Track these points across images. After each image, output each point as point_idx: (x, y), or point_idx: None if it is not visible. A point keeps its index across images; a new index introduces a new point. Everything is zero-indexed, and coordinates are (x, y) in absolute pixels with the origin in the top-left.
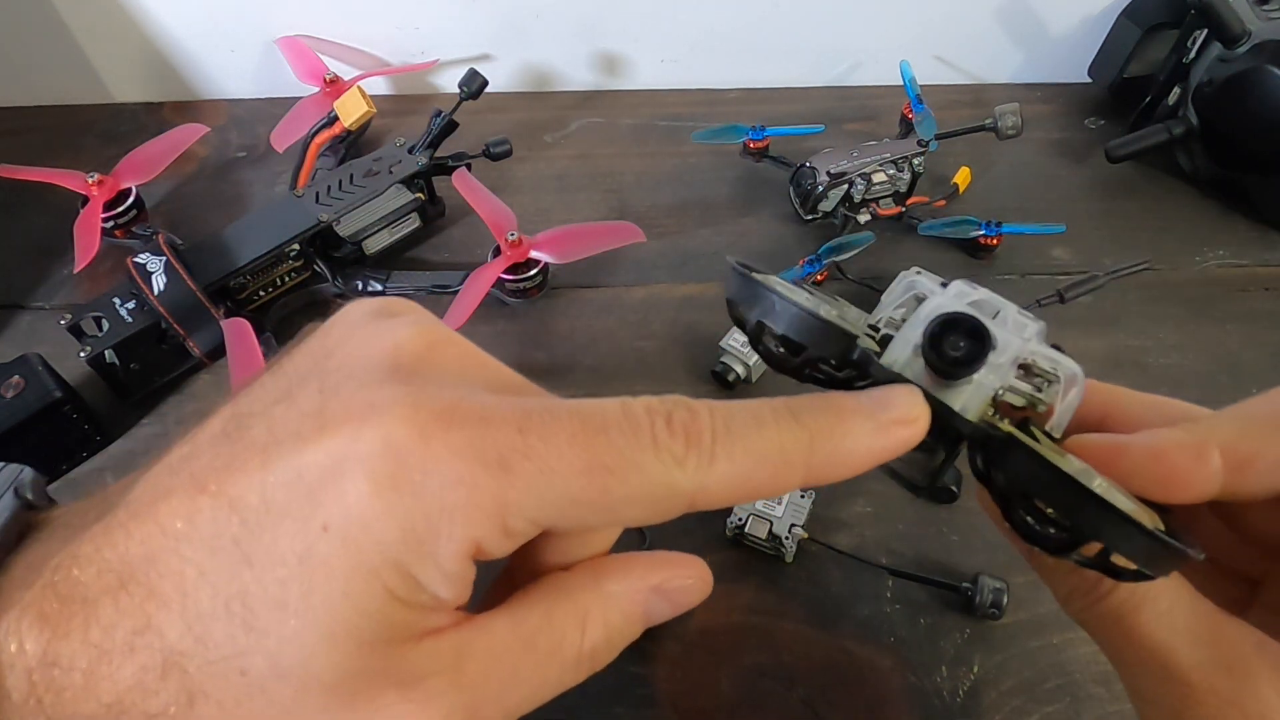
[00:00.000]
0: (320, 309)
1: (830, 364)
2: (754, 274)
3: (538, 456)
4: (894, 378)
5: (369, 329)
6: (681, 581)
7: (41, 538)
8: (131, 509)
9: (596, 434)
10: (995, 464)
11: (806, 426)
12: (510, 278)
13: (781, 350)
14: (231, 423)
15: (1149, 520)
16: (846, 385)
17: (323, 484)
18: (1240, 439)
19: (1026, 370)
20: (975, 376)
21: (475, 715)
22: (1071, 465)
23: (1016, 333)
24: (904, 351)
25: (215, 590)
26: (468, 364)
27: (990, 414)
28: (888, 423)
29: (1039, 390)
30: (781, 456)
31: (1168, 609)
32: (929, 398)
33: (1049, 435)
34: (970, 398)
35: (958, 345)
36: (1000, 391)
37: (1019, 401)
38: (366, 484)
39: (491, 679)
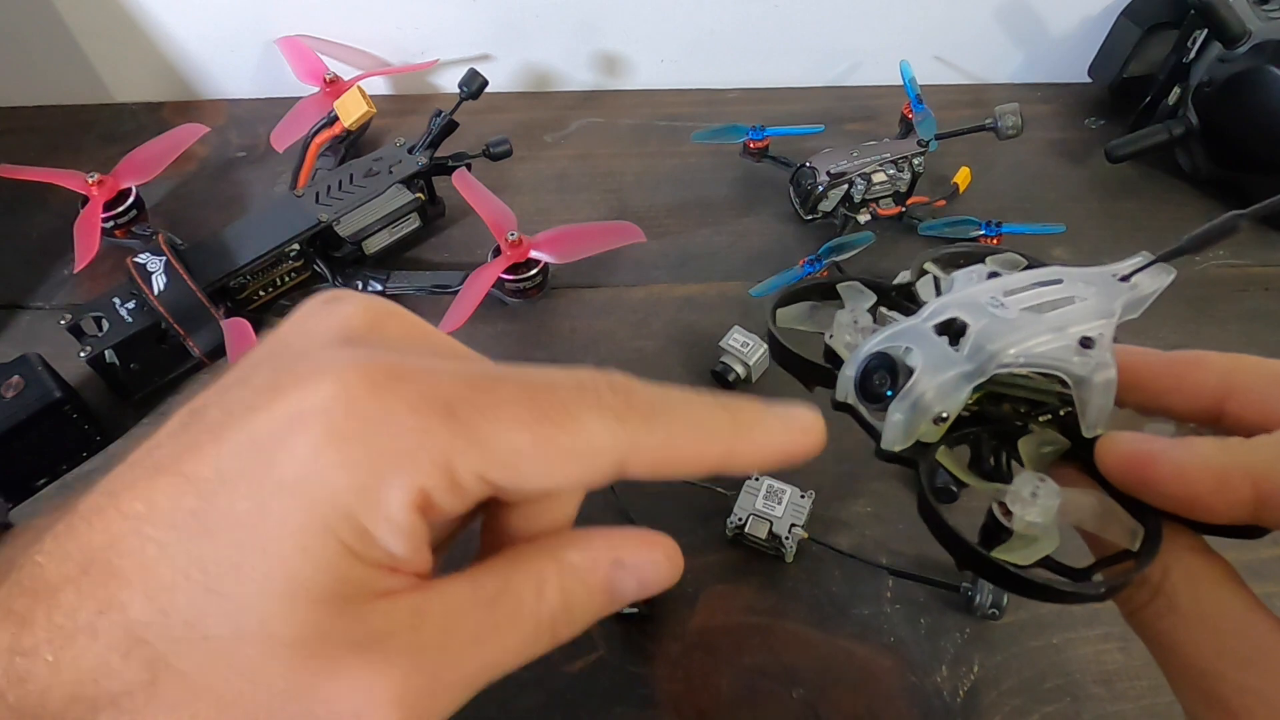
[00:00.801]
0: None
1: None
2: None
3: (486, 407)
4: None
5: (318, 313)
6: (647, 557)
7: (5, 548)
8: (92, 503)
9: (543, 390)
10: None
11: (732, 414)
12: (510, 278)
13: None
14: (189, 414)
15: (1042, 550)
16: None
17: (275, 442)
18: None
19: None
20: (894, 408)
21: (434, 679)
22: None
23: (1052, 324)
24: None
25: (175, 562)
26: (415, 334)
27: (937, 434)
28: (795, 428)
29: (1039, 393)
30: (708, 432)
31: (1196, 612)
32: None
33: (1073, 432)
34: (901, 425)
35: (882, 380)
36: (942, 413)
37: (1013, 409)
38: (319, 435)
39: (450, 643)
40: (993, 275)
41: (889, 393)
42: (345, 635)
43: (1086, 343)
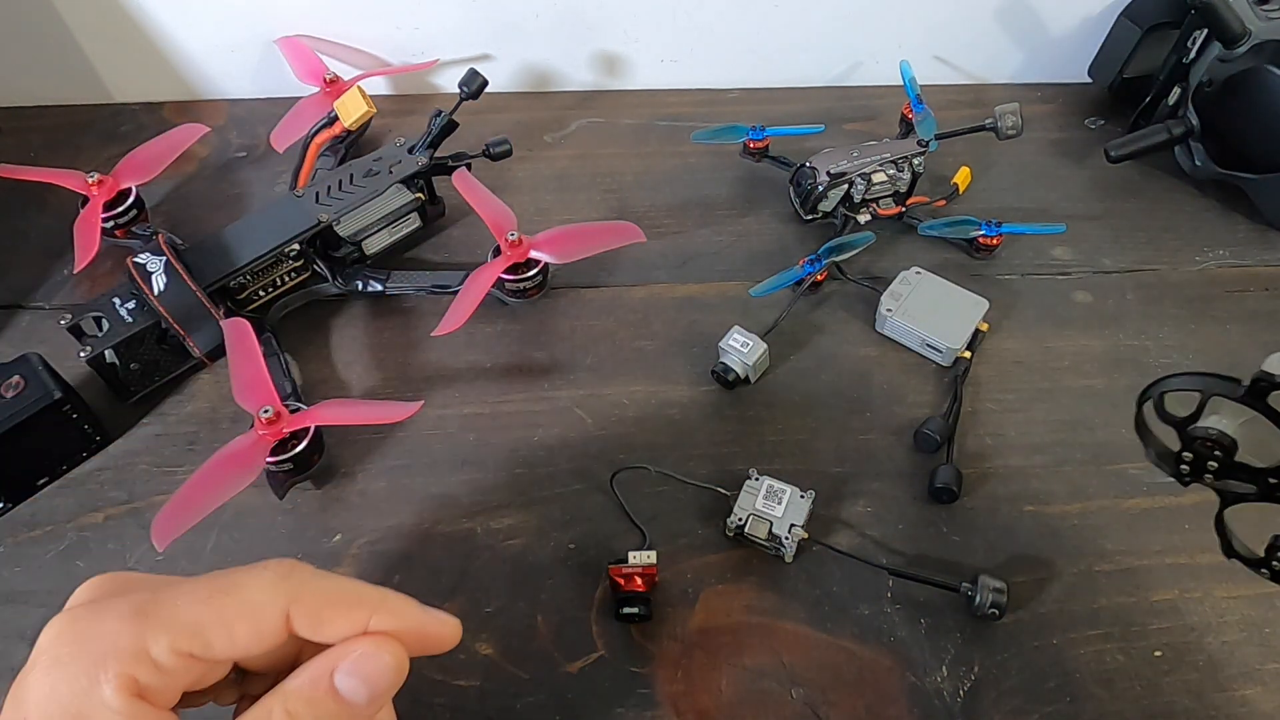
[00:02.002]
0: (320, 309)
1: None
2: None
3: (168, 599)
4: None
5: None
6: (371, 664)
7: None
8: None
9: (220, 575)
10: None
11: (382, 591)
12: (510, 278)
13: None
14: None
15: None
16: None
17: (19, 687)
18: None
19: None
20: None
21: None
22: None
23: None
24: None
25: None
26: (134, 581)
27: None
28: (433, 614)
29: None
30: (358, 593)
31: None
32: None
33: None
34: None
35: None
36: None
37: None
38: (41, 669)
39: None
40: None
41: None
42: None
43: None
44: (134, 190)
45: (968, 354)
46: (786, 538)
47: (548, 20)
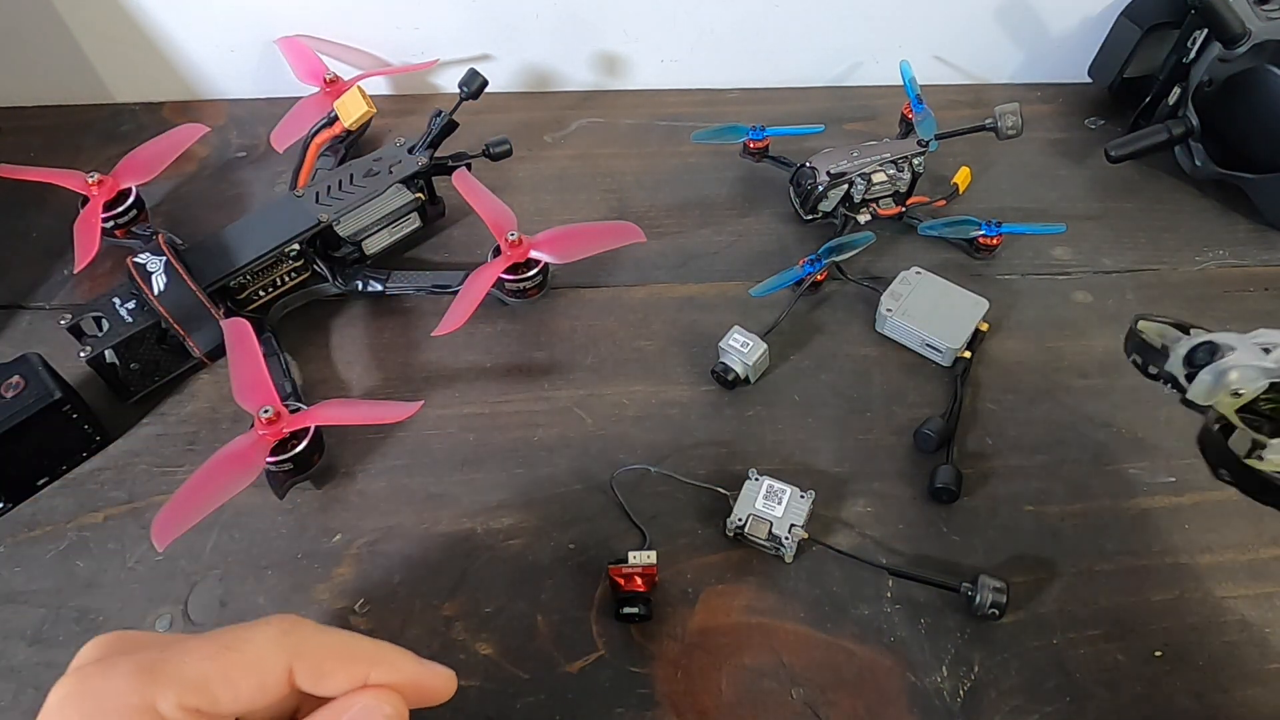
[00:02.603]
0: (320, 309)
1: None
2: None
3: (174, 658)
4: None
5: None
6: (366, 712)
7: None
8: None
9: (226, 632)
10: None
11: (377, 643)
12: (510, 278)
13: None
14: None
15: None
16: None
17: None
18: None
19: None
20: (1205, 371)
21: None
22: None
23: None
24: None
25: None
26: (141, 639)
27: (1231, 407)
28: (429, 666)
29: None
30: (358, 646)
31: None
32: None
33: None
34: (1207, 384)
35: (1204, 355)
36: (1239, 390)
37: None
38: None
39: None
40: None
41: (1206, 361)
42: None
43: None
44: (134, 190)
45: (968, 354)
46: (786, 538)
47: (548, 20)
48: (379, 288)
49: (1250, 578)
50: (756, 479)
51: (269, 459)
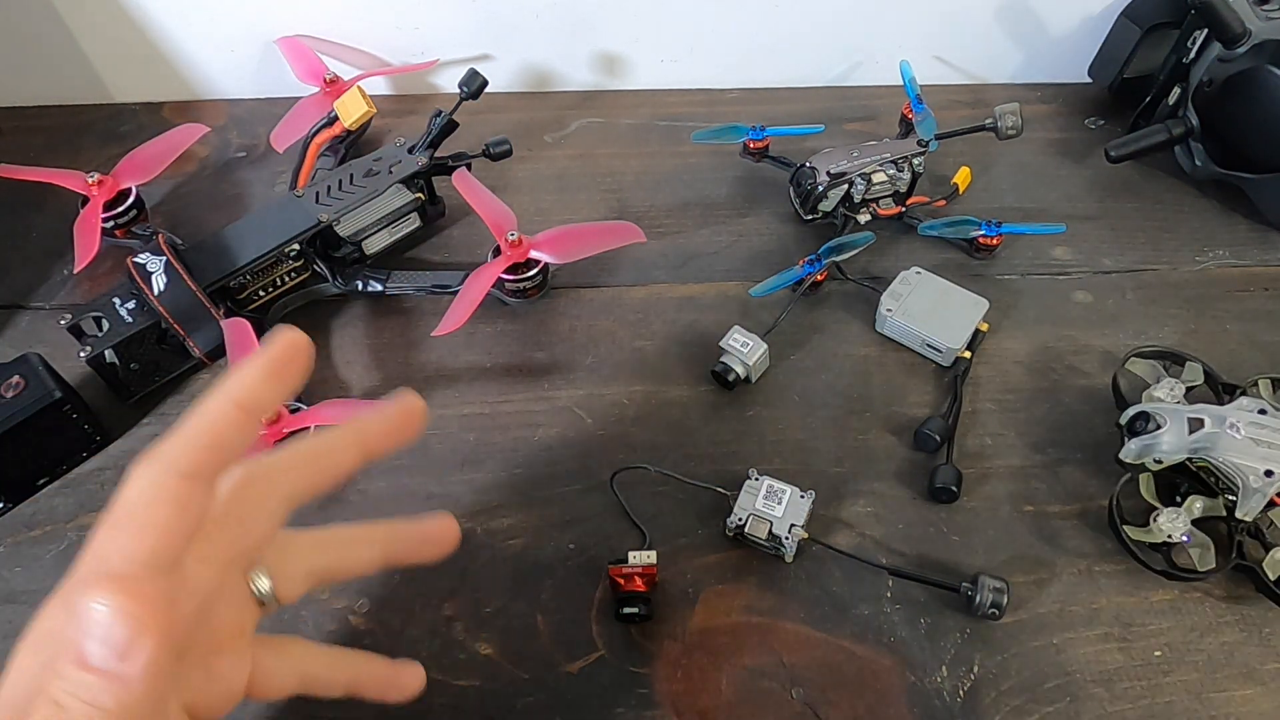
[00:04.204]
0: (320, 309)
1: None
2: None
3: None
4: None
5: None
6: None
7: None
8: None
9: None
10: None
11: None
12: (510, 278)
13: None
14: None
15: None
16: None
17: None
18: None
19: None
20: (1135, 440)
21: None
22: None
23: None
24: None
25: None
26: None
27: (1154, 468)
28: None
29: None
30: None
31: None
32: None
33: None
34: (1134, 450)
35: (1143, 424)
36: (1159, 460)
37: None
38: None
39: None
40: (1260, 411)
41: (1141, 431)
42: None
43: (1269, 473)
44: (134, 190)
45: (968, 354)
46: (786, 538)
47: (548, 20)
48: (379, 288)
49: (1250, 578)
50: (756, 479)
51: None
